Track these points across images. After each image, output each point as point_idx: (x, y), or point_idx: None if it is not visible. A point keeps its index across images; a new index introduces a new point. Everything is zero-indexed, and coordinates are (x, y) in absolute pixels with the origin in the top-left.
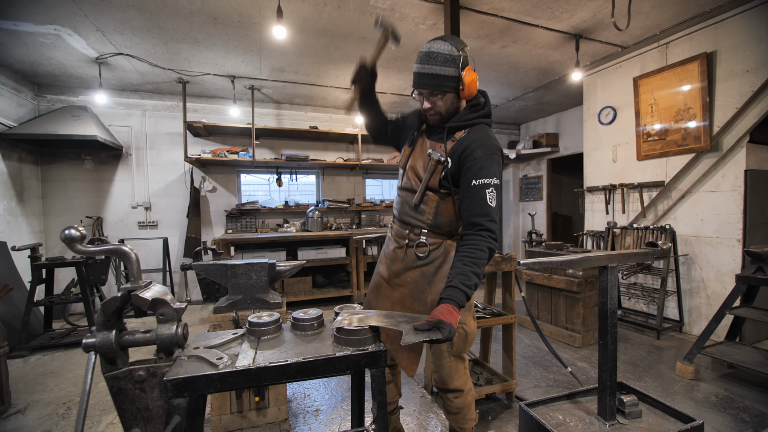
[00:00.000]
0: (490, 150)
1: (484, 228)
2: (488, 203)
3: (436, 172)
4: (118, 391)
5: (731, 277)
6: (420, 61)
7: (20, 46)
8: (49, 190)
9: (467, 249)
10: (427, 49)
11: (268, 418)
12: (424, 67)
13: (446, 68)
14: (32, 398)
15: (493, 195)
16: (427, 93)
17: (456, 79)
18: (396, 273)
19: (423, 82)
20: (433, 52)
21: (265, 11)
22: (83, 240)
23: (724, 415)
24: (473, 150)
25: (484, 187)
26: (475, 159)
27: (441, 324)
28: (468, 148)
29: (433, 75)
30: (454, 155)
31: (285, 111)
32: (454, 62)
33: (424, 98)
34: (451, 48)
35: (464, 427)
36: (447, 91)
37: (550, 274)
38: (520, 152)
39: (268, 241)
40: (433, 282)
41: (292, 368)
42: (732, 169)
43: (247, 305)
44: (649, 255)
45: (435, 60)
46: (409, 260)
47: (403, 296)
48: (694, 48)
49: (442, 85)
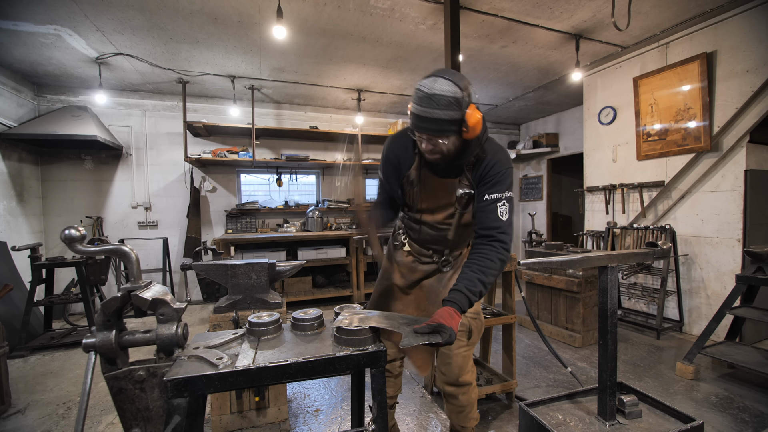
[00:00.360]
0: (505, 164)
1: (495, 238)
2: (499, 216)
3: (468, 209)
4: (118, 391)
5: (731, 277)
6: (420, 103)
7: (20, 46)
8: (49, 190)
9: (476, 257)
10: (429, 90)
11: (268, 418)
12: (426, 111)
13: (449, 111)
14: (32, 398)
15: (506, 208)
16: (427, 136)
17: (459, 121)
18: (413, 282)
19: (424, 126)
20: (435, 95)
21: (265, 11)
22: (83, 240)
23: (724, 415)
24: (491, 166)
25: (496, 201)
26: (492, 175)
27: (441, 328)
28: (486, 165)
29: (435, 119)
30: (475, 179)
31: (285, 111)
32: (457, 104)
33: (424, 140)
34: (455, 88)
35: (467, 426)
36: (450, 134)
37: (550, 274)
38: (520, 152)
39: (268, 241)
40: (448, 285)
41: (292, 368)
42: (732, 169)
43: (247, 305)
44: (649, 255)
45: (438, 103)
46: (430, 271)
47: (419, 298)
48: (694, 48)
49: (444, 130)
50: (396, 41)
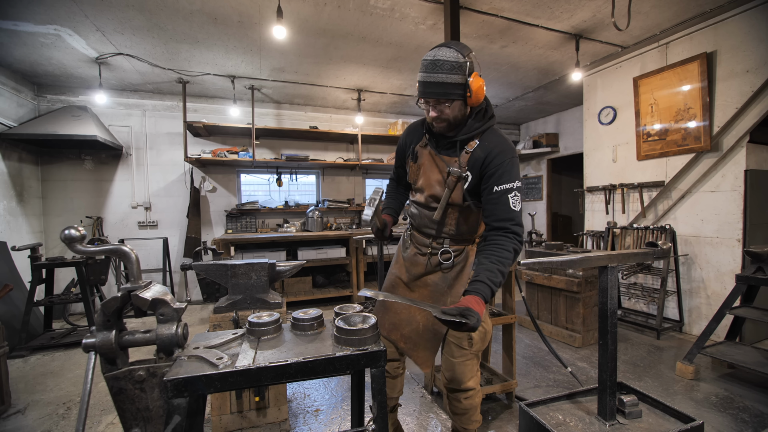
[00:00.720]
0: (509, 154)
1: (509, 230)
2: (512, 207)
3: (457, 188)
4: (118, 391)
5: (731, 277)
6: (425, 70)
7: (20, 46)
8: (49, 190)
9: (493, 248)
10: (432, 57)
11: (268, 418)
12: (430, 75)
13: (453, 75)
14: (32, 398)
15: (517, 198)
16: (433, 102)
17: (463, 86)
18: (416, 276)
19: (429, 91)
20: (438, 60)
21: (265, 11)
22: (83, 240)
23: (724, 415)
24: (493, 157)
25: (507, 192)
26: (496, 165)
27: (469, 311)
28: (488, 156)
29: (440, 83)
30: (474, 167)
31: (285, 111)
32: (460, 69)
33: (430, 107)
34: (457, 54)
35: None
36: (454, 99)
37: (550, 274)
38: (520, 152)
39: (268, 241)
40: (453, 285)
41: (292, 368)
42: (732, 169)
43: (247, 305)
44: (649, 255)
45: (441, 68)
46: (432, 265)
47: (423, 297)
48: (694, 48)
49: (449, 93)
50: (396, 41)
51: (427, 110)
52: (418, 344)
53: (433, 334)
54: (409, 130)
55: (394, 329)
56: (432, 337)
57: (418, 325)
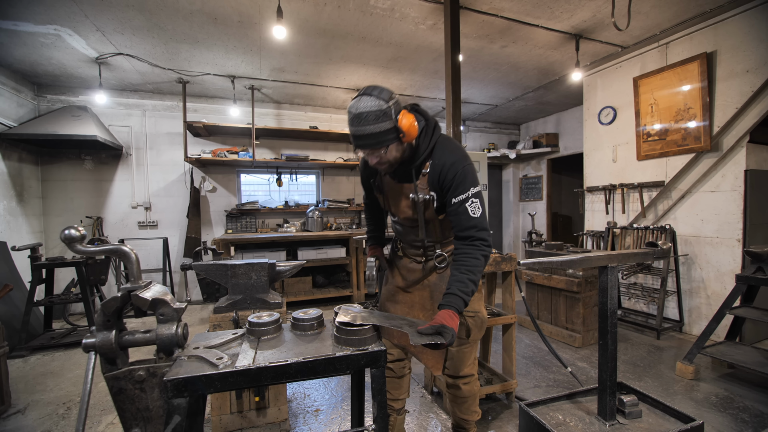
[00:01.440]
0: (460, 164)
1: (474, 238)
2: (471, 215)
3: (428, 209)
4: (118, 391)
5: (731, 277)
6: (352, 123)
7: (20, 46)
8: (49, 190)
9: (461, 258)
10: (355, 110)
11: (268, 418)
12: (359, 129)
13: (380, 124)
14: (32, 398)
15: (475, 204)
16: (368, 151)
17: (394, 129)
18: (414, 281)
19: (362, 143)
20: (362, 113)
21: (265, 11)
22: (83, 240)
23: (724, 415)
24: (446, 172)
25: (464, 202)
26: (450, 180)
27: (444, 328)
28: (441, 173)
29: (370, 135)
30: (434, 185)
31: (285, 111)
32: (386, 116)
33: (369, 155)
34: (379, 102)
35: (469, 419)
36: (388, 143)
37: (550, 274)
38: (520, 152)
39: (268, 241)
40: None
41: (292, 368)
42: (732, 169)
43: (247, 305)
44: (649, 255)
45: (366, 120)
46: (428, 269)
47: (423, 298)
48: (694, 48)
49: (381, 141)
50: (396, 41)
51: (367, 157)
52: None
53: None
54: (364, 163)
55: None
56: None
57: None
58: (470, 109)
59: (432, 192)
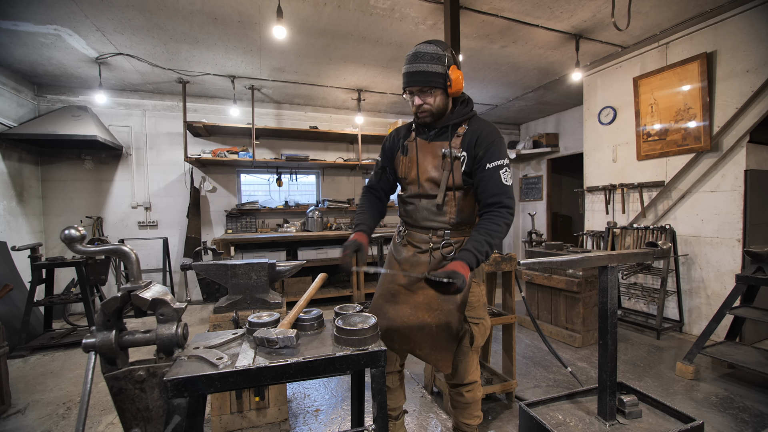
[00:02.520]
0: (497, 135)
1: (502, 205)
2: (504, 182)
3: (455, 169)
4: (118, 391)
5: (731, 277)
6: (408, 62)
7: (20, 46)
8: (49, 190)
9: (483, 223)
10: (414, 50)
11: (268, 418)
12: (413, 66)
13: (434, 65)
14: (32, 398)
15: (508, 174)
16: (417, 90)
17: (443, 75)
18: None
19: (413, 80)
20: (419, 52)
21: (265, 11)
22: (83, 240)
23: (724, 415)
24: (483, 138)
25: (498, 169)
26: (486, 145)
27: (455, 274)
28: (479, 137)
29: (422, 72)
30: (467, 147)
31: (285, 111)
32: (440, 60)
33: (415, 96)
34: (436, 48)
35: (471, 423)
36: (436, 87)
37: (550, 274)
38: (520, 152)
39: (268, 241)
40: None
41: (292, 368)
42: (732, 169)
43: (247, 305)
44: (649, 255)
45: (422, 58)
46: (435, 261)
47: (428, 297)
48: (694, 48)
49: (431, 81)
50: (396, 41)
51: (412, 101)
52: (434, 347)
53: (447, 333)
54: (396, 131)
55: (405, 340)
56: (447, 337)
57: (431, 328)
58: None
59: (464, 152)
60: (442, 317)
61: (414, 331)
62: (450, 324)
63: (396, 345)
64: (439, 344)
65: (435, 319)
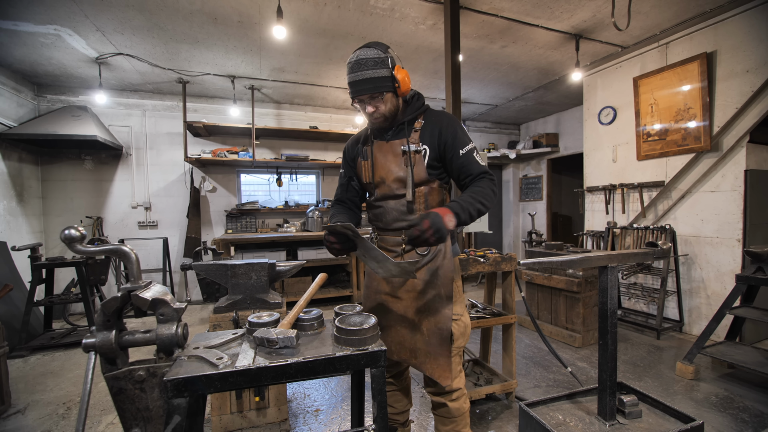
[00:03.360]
0: (457, 122)
1: (486, 173)
2: (480, 162)
3: (417, 164)
4: (118, 391)
5: (731, 277)
6: (352, 70)
7: (20, 46)
8: (49, 190)
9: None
10: (355, 58)
11: (268, 418)
12: (358, 74)
13: (379, 70)
14: (32, 398)
15: (479, 156)
16: (367, 98)
17: (390, 78)
18: (400, 282)
19: (361, 88)
20: (362, 59)
21: (265, 11)
22: (83, 240)
23: (724, 415)
24: (446, 127)
25: (471, 152)
26: (451, 134)
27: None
28: (441, 128)
29: (369, 79)
30: (427, 140)
31: (285, 111)
32: (384, 63)
33: (366, 104)
34: (378, 52)
35: None
36: (385, 91)
37: (550, 274)
38: (520, 152)
39: (268, 241)
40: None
41: (292, 368)
42: (732, 169)
43: (247, 305)
44: (649, 255)
45: (366, 65)
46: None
47: (415, 299)
48: (694, 48)
49: (379, 87)
50: (396, 41)
51: (363, 108)
52: (428, 354)
53: (439, 337)
54: (354, 139)
55: (401, 348)
56: (440, 341)
57: (422, 332)
58: (470, 109)
59: (425, 146)
60: (431, 319)
61: (407, 339)
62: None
63: (395, 356)
64: (433, 350)
65: (425, 322)
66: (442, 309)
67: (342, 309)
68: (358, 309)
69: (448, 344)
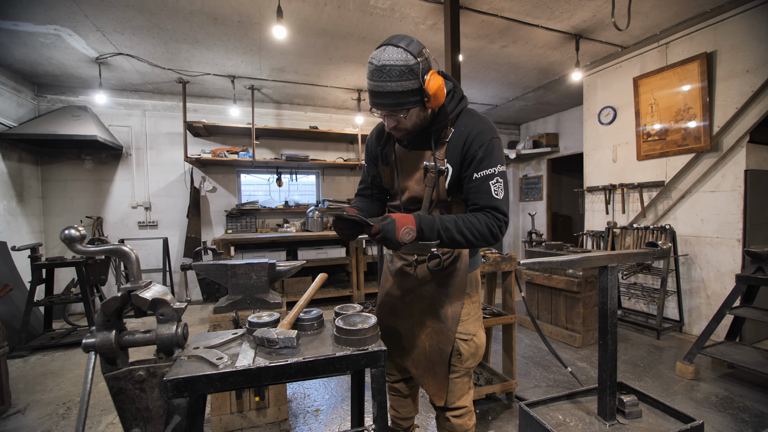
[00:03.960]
0: (488, 135)
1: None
2: (494, 195)
3: (439, 185)
4: (118, 391)
5: (731, 277)
6: (372, 77)
7: (20, 46)
8: (49, 190)
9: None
10: (377, 62)
11: (268, 418)
12: (379, 85)
13: (404, 82)
14: (32, 398)
15: (499, 185)
16: (386, 112)
17: (418, 91)
18: (409, 290)
19: (380, 102)
20: (385, 66)
21: (265, 11)
22: (83, 240)
23: (724, 415)
24: (472, 140)
25: (488, 179)
26: (475, 150)
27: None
28: (466, 140)
29: (390, 93)
30: (453, 157)
31: (285, 111)
32: (412, 73)
33: (385, 117)
34: (406, 56)
35: None
36: (409, 107)
37: (550, 274)
38: (520, 152)
39: (268, 241)
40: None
41: (292, 368)
42: (732, 169)
43: (247, 305)
44: (649, 255)
45: (389, 75)
46: (422, 274)
47: (422, 312)
48: (694, 48)
49: (402, 103)
50: None
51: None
52: (427, 369)
53: (439, 356)
54: (374, 134)
55: (405, 354)
56: (439, 360)
57: (425, 347)
58: None
59: (449, 164)
60: (434, 336)
61: (411, 347)
62: (441, 345)
63: (398, 360)
64: (431, 367)
65: (429, 338)
66: (446, 329)
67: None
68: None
69: (446, 365)
